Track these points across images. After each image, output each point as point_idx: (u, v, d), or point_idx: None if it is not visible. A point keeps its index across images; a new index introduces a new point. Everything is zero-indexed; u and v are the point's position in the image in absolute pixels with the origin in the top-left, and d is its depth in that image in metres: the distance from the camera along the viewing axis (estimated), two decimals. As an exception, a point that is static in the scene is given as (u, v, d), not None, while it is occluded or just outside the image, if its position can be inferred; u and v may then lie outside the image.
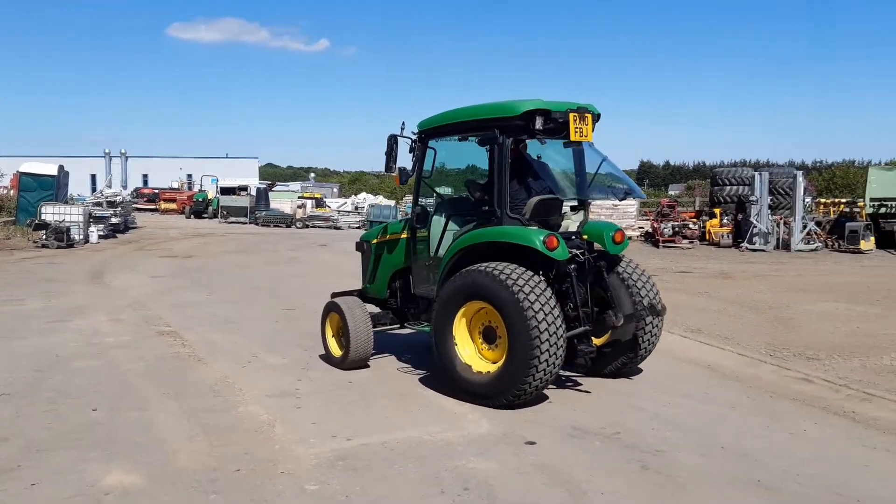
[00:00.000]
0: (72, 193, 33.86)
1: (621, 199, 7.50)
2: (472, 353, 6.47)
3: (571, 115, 6.54)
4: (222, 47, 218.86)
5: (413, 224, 7.36)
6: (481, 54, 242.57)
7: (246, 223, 40.02)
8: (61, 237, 21.93)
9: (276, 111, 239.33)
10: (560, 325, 5.96)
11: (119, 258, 19.34)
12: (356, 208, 44.95)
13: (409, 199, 45.54)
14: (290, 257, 20.72)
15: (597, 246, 6.97)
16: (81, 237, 23.49)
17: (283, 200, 45.26)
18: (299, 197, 47.27)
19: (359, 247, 8.50)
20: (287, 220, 39.05)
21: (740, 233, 23.76)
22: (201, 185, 54.97)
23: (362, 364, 7.46)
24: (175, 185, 60.07)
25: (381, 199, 48.80)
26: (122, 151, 57.47)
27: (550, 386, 6.59)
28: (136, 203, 46.79)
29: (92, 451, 5.07)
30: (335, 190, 69.15)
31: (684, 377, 7.38)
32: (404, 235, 7.59)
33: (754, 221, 22.90)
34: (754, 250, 22.36)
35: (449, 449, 5.18)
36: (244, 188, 46.28)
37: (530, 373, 5.87)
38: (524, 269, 6.12)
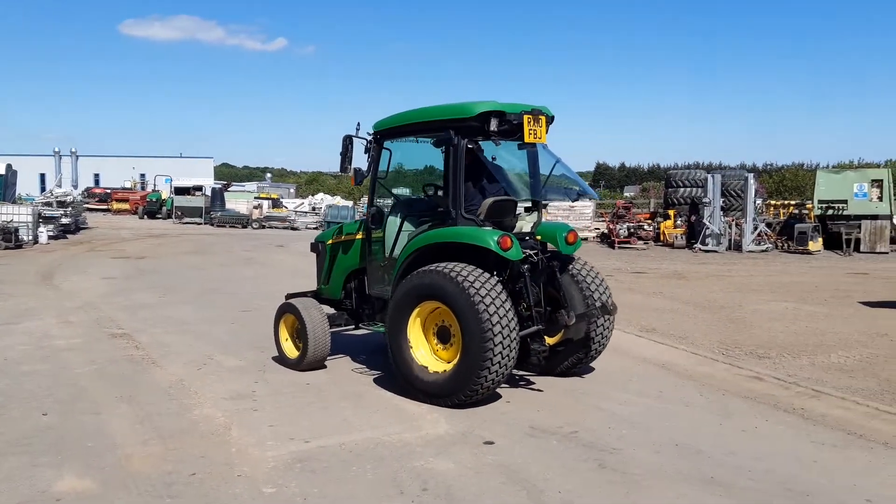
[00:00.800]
0: (20, 193, 33.04)
1: (574, 201, 7.52)
2: (426, 354, 6.50)
3: (526, 117, 6.62)
4: (177, 45, 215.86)
5: (368, 225, 7.41)
6: (438, 53, 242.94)
7: (201, 224, 39.45)
8: (9, 238, 21.41)
9: (232, 110, 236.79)
10: (513, 324, 6.03)
11: (70, 259, 18.93)
12: (313, 209, 44.65)
13: (364, 199, 45.49)
14: (246, 258, 20.50)
15: (550, 246, 7.07)
16: (30, 238, 22.94)
17: (239, 201, 44.69)
18: (255, 197, 46.76)
19: (314, 248, 8.45)
20: (243, 221, 38.61)
21: (693, 234, 24.16)
22: (155, 185, 54.07)
23: (319, 365, 7.46)
24: (128, 185, 59.01)
25: (338, 200, 48.51)
26: (73, 150, 55.96)
27: (506, 386, 6.66)
28: (88, 203, 45.77)
29: (43, 457, 4.96)
30: (292, 190, 68.53)
31: (639, 376, 7.48)
32: (359, 236, 7.62)
33: (707, 223, 23.31)
34: (707, 251, 22.77)
35: (407, 450, 5.18)
36: (199, 188, 45.60)
37: (484, 371, 5.91)
38: (478, 268, 6.19)
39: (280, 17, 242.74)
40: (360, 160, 7.33)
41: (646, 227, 26.04)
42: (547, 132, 6.89)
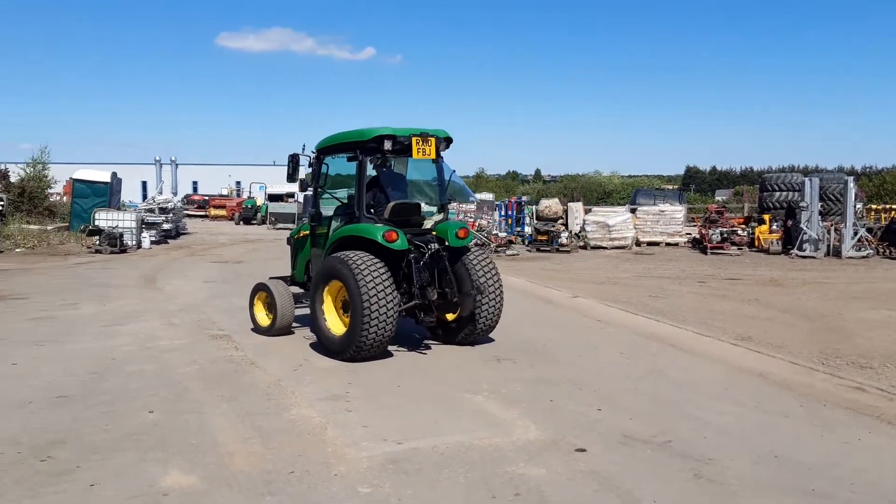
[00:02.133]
0: (124, 200, 34.62)
1: (447, 203, 9.41)
2: (334, 320, 8.26)
3: (414, 138, 8.42)
4: (270, 56, 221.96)
5: (310, 223, 9.49)
6: (522, 62, 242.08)
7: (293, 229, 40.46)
8: (115, 243, 22.44)
9: (321, 118, 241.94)
10: (390, 298, 7.65)
11: (171, 263, 19.72)
12: (400, 214, 45.10)
13: (450, 205, 45.67)
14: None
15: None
16: (134, 243, 24.03)
17: (331, 207, 45.61)
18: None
19: (288, 241, 10.64)
20: (333, 227, 39.36)
21: (790, 239, 23.31)
22: (250, 192, 55.72)
23: (286, 331, 9.36)
24: (224, 192, 60.97)
25: (423, 206, 48.90)
26: (173, 159, 58.29)
27: (602, 392, 6.59)
28: (187, 209, 47.56)
29: (150, 453, 5.18)
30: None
31: (735, 385, 7.28)
32: (309, 232, 9.57)
33: (804, 228, 22.45)
34: (804, 257, 21.92)
35: (498, 454, 5.20)
36: (291, 195, 46.76)
37: (364, 333, 7.58)
38: (366, 254, 7.90)
39: (368, 27, 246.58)
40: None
41: (739, 232, 25.23)
42: (442, 150, 8.77)
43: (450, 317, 8.66)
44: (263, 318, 9.53)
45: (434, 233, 8.72)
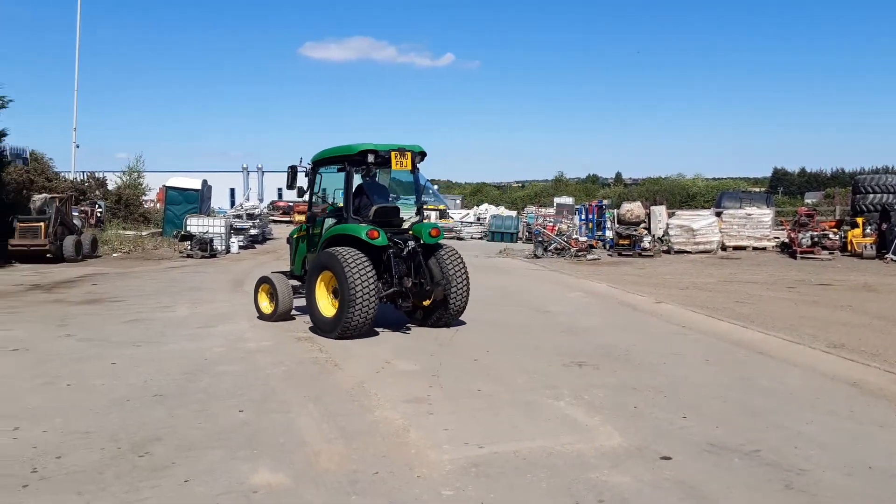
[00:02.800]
0: (214, 206, 35.78)
1: (422, 206, 11.12)
2: (326, 304, 9.72)
3: (393, 153, 10.02)
4: (352, 65, 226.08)
5: (306, 224, 11.17)
6: (601, 64, 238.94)
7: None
8: (205, 247, 23.25)
9: (400, 125, 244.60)
10: (371, 286, 9.10)
11: (258, 267, 20.21)
12: (478, 219, 45.25)
13: (529, 209, 45.53)
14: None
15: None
16: (223, 248, 24.83)
17: (408, 212, 46.06)
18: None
19: (288, 241, 12.53)
20: (412, 231, 39.71)
21: (885, 243, 22.30)
22: (333, 198, 56.70)
23: (287, 317, 10.79)
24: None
25: (502, 210, 48.91)
26: (259, 166, 60.15)
27: (687, 400, 6.46)
28: (273, 215, 48.80)
29: (239, 451, 5.34)
30: (458, 201, 69.80)
31: (827, 394, 7.03)
32: (304, 233, 11.22)
33: (902, 231, 21.45)
34: (902, 261, 20.95)
35: (581, 460, 5.16)
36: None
37: (350, 315, 9.04)
38: (353, 249, 9.35)
39: (448, 33, 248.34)
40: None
41: (831, 235, 24.29)
42: (417, 163, 10.36)
43: (426, 303, 9.99)
44: (266, 307, 10.95)
45: (411, 232, 10.27)
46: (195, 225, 25.47)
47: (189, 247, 23.50)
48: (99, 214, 30.68)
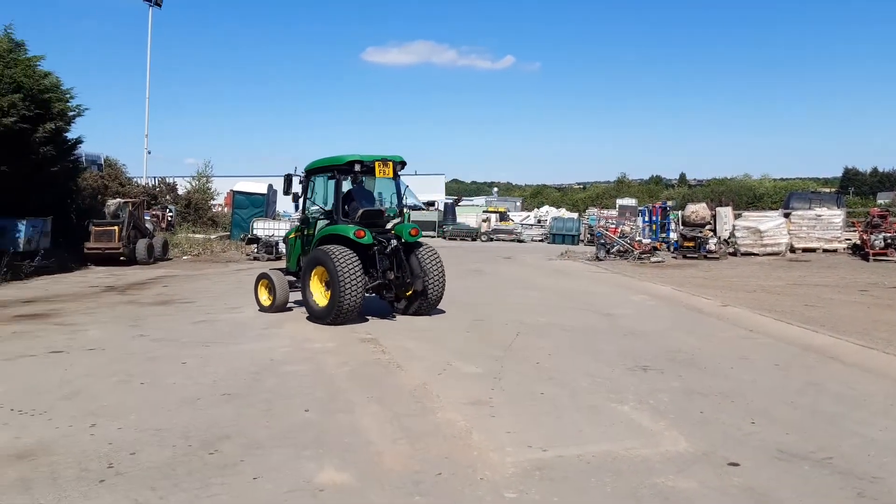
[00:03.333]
0: (279, 210, 36.47)
1: (404, 209, 12.44)
2: (319, 295, 11.02)
3: (377, 163, 11.46)
4: (413, 69, 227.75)
5: (301, 226, 12.48)
6: (664, 62, 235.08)
7: (434, 237, 41.26)
8: (271, 250, 23.71)
9: (461, 128, 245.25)
10: (358, 279, 10.44)
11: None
12: (539, 221, 45.08)
13: (590, 211, 45.13)
14: (476, 269, 21.13)
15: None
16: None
17: (469, 214, 46.22)
18: (484, 211, 48.06)
19: (284, 240, 14.01)
20: (473, 234, 39.84)
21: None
22: (392, 201, 57.12)
23: (283, 308, 12.04)
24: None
25: (563, 212, 48.58)
26: (321, 170, 61.11)
27: (756, 405, 6.32)
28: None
29: (306, 450, 5.43)
30: (518, 204, 69.67)
31: (905, 402, 6.79)
32: (302, 233, 12.45)
33: None
34: None
35: (646, 465, 5.10)
36: (432, 203, 47.84)
37: (340, 303, 10.38)
38: (342, 247, 10.68)
39: (508, 36, 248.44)
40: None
41: (907, 237, 23.42)
42: (398, 171, 11.89)
43: (408, 293, 11.42)
44: (265, 300, 12.16)
45: (393, 231, 11.67)
46: (261, 228, 26.03)
47: (255, 249, 24.00)
48: (169, 218, 31.60)
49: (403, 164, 11.90)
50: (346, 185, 11.77)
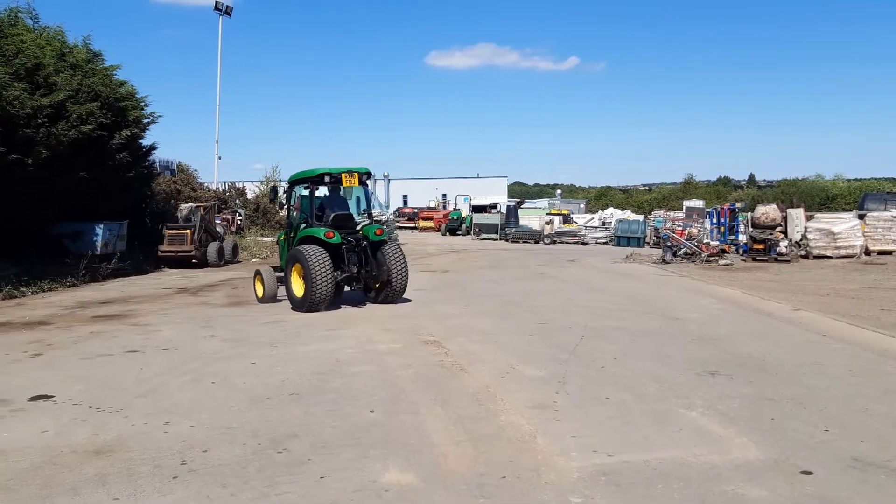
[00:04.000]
0: (342, 213, 36.79)
1: (370, 212, 15.36)
2: (298, 287, 12.78)
3: (343, 174, 13.39)
4: (475, 72, 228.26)
5: (286, 230, 14.71)
6: (731, 60, 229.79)
7: (496, 239, 41.18)
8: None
9: (523, 130, 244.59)
10: (328, 273, 12.34)
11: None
12: (603, 223, 44.56)
13: (656, 213, 44.37)
14: (539, 272, 21.01)
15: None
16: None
17: (532, 217, 45.95)
18: (547, 213, 47.78)
19: (276, 242, 17.14)
20: (535, 237, 39.61)
21: None
22: (455, 204, 57.41)
23: (273, 299, 13.78)
24: (432, 205, 63.20)
25: (628, 214, 47.92)
26: (385, 174, 61.67)
27: (830, 412, 6.14)
28: (398, 221, 49.86)
29: (371, 450, 5.50)
30: (581, 206, 68.96)
31: None
32: (289, 236, 14.38)
33: None
34: None
35: (715, 472, 5.01)
36: (494, 206, 47.78)
37: (311, 294, 12.31)
38: (315, 246, 12.58)
39: (572, 37, 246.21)
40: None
41: None
42: (365, 181, 13.98)
43: (377, 285, 13.48)
44: (259, 292, 14.06)
45: (361, 232, 13.63)
46: (326, 231, 26.33)
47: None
48: (239, 222, 32.33)
49: (369, 174, 14.16)
50: (320, 194, 14.04)
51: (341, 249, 13.08)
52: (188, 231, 21.88)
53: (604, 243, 37.79)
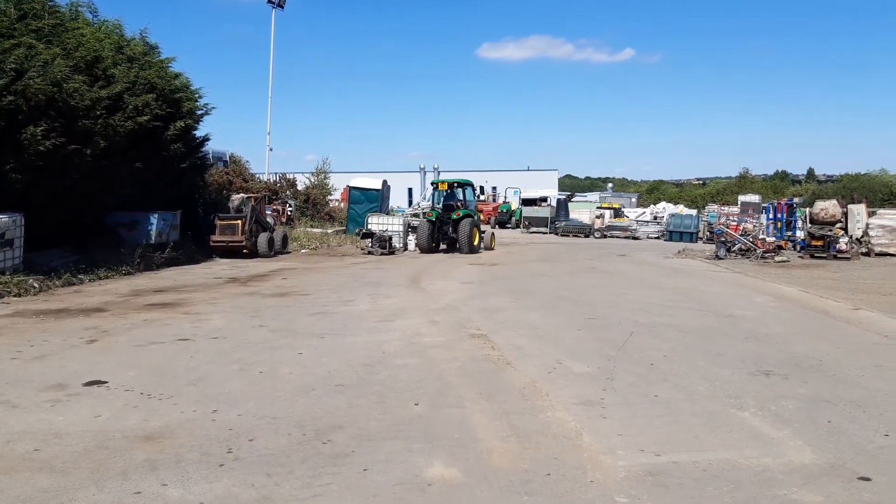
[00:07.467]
0: (392, 205, 37.13)
1: (464, 203, 25.05)
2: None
3: (439, 184, 25.77)
4: (528, 64, 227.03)
5: (425, 212, 25.45)
6: (791, 52, 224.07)
7: (546, 233, 40.94)
8: (384, 245, 24.16)
9: (575, 123, 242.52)
10: (426, 234, 24.54)
11: (433, 265, 20.78)
12: (655, 218, 43.93)
13: (710, 207, 43.50)
14: (589, 267, 20.79)
15: None
16: (401, 245, 25.69)
17: (582, 211, 45.58)
18: (597, 207, 47.28)
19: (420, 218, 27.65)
20: (586, 231, 39.25)
21: None
22: (505, 197, 57.20)
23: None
24: (482, 197, 63.13)
25: (681, 209, 47.14)
26: (435, 166, 61.63)
27: (890, 416, 5.91)
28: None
29: (415, 444, 5.47)
30: (633, 200, 68.15)
31: None
32: None
33: None
34: None
35: (767, 475, 4.85)
36: (544, 199, 47.50)
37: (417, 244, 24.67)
38: (426, 220, 25.18)
39: (628, 28, 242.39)
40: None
41: None
42: (454, 186, 25.90)
43: (454, 244, 24.27)
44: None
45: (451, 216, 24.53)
46: (376, 223, 26.54)
47: (370, 244, 24.49)
48: (289, 213, 32.72)
49: (460, 184, 25.90)
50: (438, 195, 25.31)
51: (437, 223, 24.91)
52: (239, 222, 22.18)
53: (655, 238, 37.27)
